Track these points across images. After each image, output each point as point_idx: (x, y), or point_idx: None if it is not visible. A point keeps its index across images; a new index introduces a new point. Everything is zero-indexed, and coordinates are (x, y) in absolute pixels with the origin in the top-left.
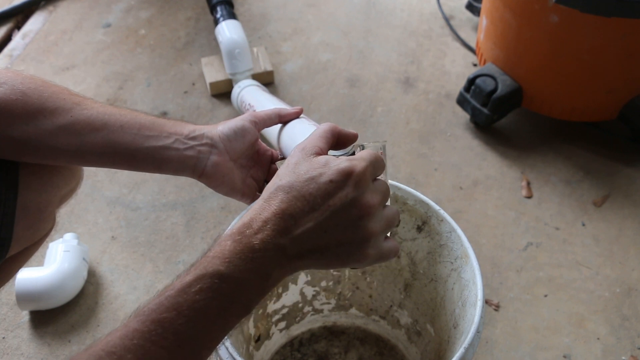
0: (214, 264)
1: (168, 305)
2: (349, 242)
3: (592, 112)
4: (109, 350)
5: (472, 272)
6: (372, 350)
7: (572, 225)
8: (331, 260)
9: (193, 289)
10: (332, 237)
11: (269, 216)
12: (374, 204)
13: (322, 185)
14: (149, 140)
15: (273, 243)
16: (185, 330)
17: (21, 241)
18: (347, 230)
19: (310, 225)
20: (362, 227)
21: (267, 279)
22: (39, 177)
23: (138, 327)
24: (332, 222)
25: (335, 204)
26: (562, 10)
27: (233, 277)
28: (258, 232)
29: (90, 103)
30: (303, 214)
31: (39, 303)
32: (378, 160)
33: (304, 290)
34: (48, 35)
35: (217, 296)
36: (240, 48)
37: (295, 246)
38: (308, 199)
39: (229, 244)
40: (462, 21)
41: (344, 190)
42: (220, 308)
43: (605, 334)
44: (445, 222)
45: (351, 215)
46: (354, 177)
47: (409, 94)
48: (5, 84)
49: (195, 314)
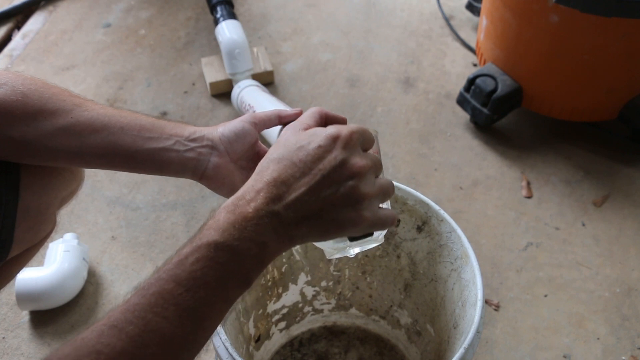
0: (209, 234)
1: (167, 277)
2: (342, 203)
3: (592, 112)
4: (111, 324)
5: (472, 273)
6: (372, 350)
7: (572, 225)
8: (327, 226)
9: (190, 260)
10: (325, 200)
11: (262, 186)
12: (363, 164)
13: (311, 151)
14: (149, 142)
15: (266, 210)
16: (186, 301)
17: (22, 243)
18: (338, 191)
19: (302, 190)
20: (353, 187)
21: (264, 247)
22: (40, 179)
23: (138, 300)
24: (324, 184)
25: (325, 167)
26: (562, 10)
27: (229, 245)
28: (251, 201)
29: (91, 104)
30: (294, 180)
31: (39, 303)
32: (365, 132)
33: (304, 290)
34: (48, 35)
35: (214, 265)
36: (240, 48)
37: (290, 212)
38: (299, 165)
39: (223, 215)
40: (462, 21)
41: (333, 153)
42: (219, 278)
43: (605, 334)
44: (445, 222)
45: (342, 177)
46: (341, 139)
47: (409, 94)
48: (6, 85)
49: (194, 283)
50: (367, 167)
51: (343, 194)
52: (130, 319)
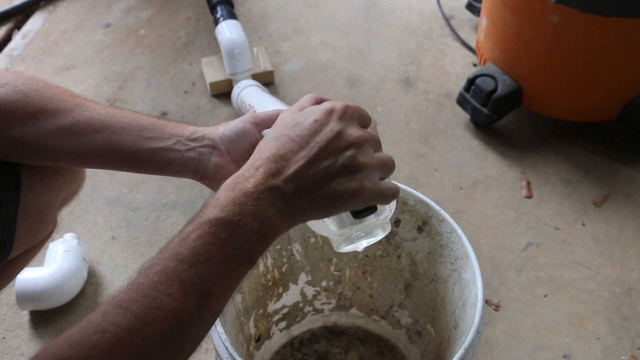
0: (210, 212)
1: (169, 256)
2: (342, 173)
3: (592, 112)
4: (116, 304)
5: (473, 273)
6: (372, 350)
7: (572, 225)
8: (328, 198)
9: (192, 237)
10: (325, 172)
11: (261, 163)
12: (359, 134)
13: (307, 126)
14: (150, 142)
15: (266, 185)
16: (189, 277)
17: (23, 243)
18: (337, 162)
19: (301, 163)
20: (351, 157)
21: (266, 223)
22: (41, 179)
23: (142, 280)
24: (322, 156)
25: (322, 139)
26: (562, 10)
27: (229, 220)
28: (250, 177)
29: (92, 104)
30: (293, 154)
31: (39, 303)
32: (361, 109)
33: (304, 290)
34: (48, 35)
35: (215, 241)
36: (240, 48)
37: (290, 185)
38: (296, 140)
39: (223, 193)
40: (462, 21)
41: (329, 125)
42: (222, 254)
43: (605, 334)
44: (446, 223)
45: (339, 147)
46: (336, 112)
47: (409, 94)
48: (7, 84)
49: (196, 259)
50: (363, 138)
51: (342, 164)
52: (134, 297)
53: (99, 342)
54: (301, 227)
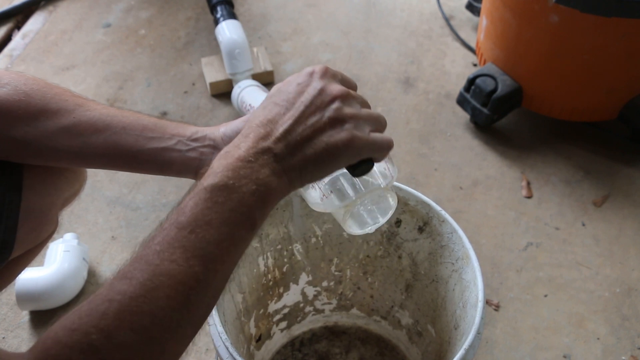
0: (206, 180)
1: (169, 226)
2: (330, 126)
3: (592, 112)
4: (121, 276)
5: (473, 273)
6: (373, 350)
7: (572, 225)
8: (321, 154)
9: (189, 205)
10: (314, 127)
11: (250, 130)
12: (342, 89)
13: (291, 90)
14: (152, 142)
15: (257, 148)
16: (191, 242)
17: (24, 243)
18: (324, 116)
19: (289, 123)
20: (337, 109)
21: (261, 184)
22: (43, 179)
23: (145, 252)
24: (309, 113)
25: (307, 98)
26: (562, 10)
27: (224, 185)
28: (241, 143)
29: (93, 105)
30: (280, 116)
31: (39, 303)
32: (343, 74)
33: (305, 290)
34: (48, 35)
35: (212, 205)
36: (240, 48)
37: (280, 145)
38: (282, 104)
39: (217, 162)
40: (462, 21)
41: (311, 85)
42: (220, 217)
43: (605, 334)
44: (447, 223)
45: (324, 102)
46: (317, 72)
47: (409, 94)
48: (8, 84)
49: (196, 225)
50: (347, 92)
51: (329, 118)
52: (138, 267)
53: (107, 311)
54: (302, 227)
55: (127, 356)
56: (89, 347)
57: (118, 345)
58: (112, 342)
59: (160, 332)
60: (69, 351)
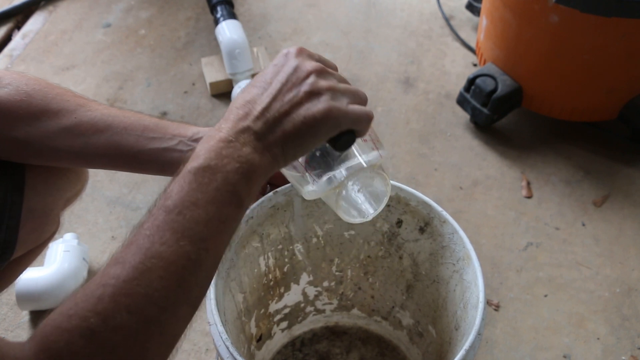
0: (189, 164)
1: (157, 211)
2: (307, 99)
3: (592, 112)
4: (114, 262)
5: (474, 274)
6: (373, 351)
7: (572, 225)
8: (300, 127)
9: (175, 189)
10: (290, 103)
11: (230, 113)
12: (318, 64)
13: (268, 72)
14: (153, 142)
15: (237, 129)
16: (179, 224)
17: (26, 243)
18: (300, 91)
19: (267, 101)
20: (313, 83)
21: (243, 162)
22: (45, 180)
23: (135, 238)
24: (285, 89)
25: (282, 76)
26: (562, 10)
27: (207, 165)
28: (222, 125)
29: (94, 105)
30: (258, 96)
31: (39, 303)
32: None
33: (306, 290)
34: (48, 35)
35: (197, 186)
36: (240, 48)
37: (259, 124)
38: (260, 85)
39: (199, 146)
40: (462, 21)
41: (287, 64)
42: (206, 197)
43: (605, 334)
44: (448, 224)
45: (299, 78)
46: (291, 52)
47: (409, 94)
48: (10, 85)
49: (183, 206)
50: (321, 67)
51: (304, 92)
52: (130, 252)
53: (103, 296)
54: (303, 227)
55: (126, 338)
56: (88, 330)
57: (116, 327)
58: (110, 325)
59: (157, 312)
60: (69, 335)
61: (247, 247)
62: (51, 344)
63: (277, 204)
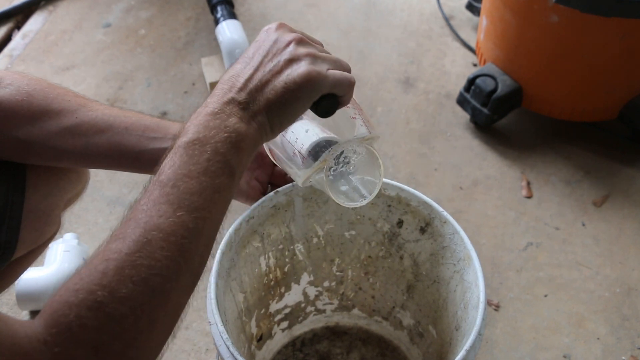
0: (180, 140)
1: (152, 187)
2: (287, 66)
3: (592, 112)
4: (113, 238)
5: (475, 275)
6: (374, 351)
7: (572, 225)
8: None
9: (168, 164)
10: (271, 72)
11: (217, 89)
12: (298, 35)
13: (250, 48)
14: (154, 142)
15: (222, 102)
16: (175, 196)
17: (27, 244)
18: (281, 60)
19: (250, 72)
20: (292, 51)
21: (231, 132)
22: (46, 180)
23: (133, 214)
24: (266, 61)
25: (263, 49)
26: (562, 10)
27: (196, 139)
28: (209, 100)
29: (96, 105)
30: (241, 70)
31: (39, 303)
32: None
33: (306, 290)
34: (48, 35)
35: (188, 159)
36: (240, 48)
37: (243, 94)
38: (243, 61)
39: (188, 122)
40: (462, 21)
41: (268, 37)
42: (198, 168)
43: (605, 334)
44: (449, 224)
45: (279, 48)
46: (272, 27)
47: (409, 94)
48: (11, 85)
49: (176, 179)
50: (301, 37)
51: (285, 60)
52: (129, 227)
53: (107, 270)
54: (304, 227)
55: (132, 308)
56: (95, 303)
57: (122, 298)
58: (116, 296)
59: (160, 282)
60: (77, 309)
61: (248, 247)
62: (61, 318)
63: (278, 204)
